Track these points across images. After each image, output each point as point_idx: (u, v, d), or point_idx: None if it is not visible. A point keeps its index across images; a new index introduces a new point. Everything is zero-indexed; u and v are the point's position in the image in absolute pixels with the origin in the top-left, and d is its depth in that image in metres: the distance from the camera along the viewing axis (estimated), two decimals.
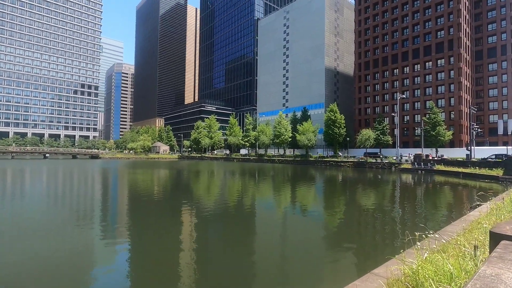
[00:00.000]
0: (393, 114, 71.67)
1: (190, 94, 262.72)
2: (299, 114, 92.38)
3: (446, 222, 12.09)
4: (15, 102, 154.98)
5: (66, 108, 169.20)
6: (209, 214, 16.06)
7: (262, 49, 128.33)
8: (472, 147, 48.34)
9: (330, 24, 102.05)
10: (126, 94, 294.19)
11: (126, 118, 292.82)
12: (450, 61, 71.99)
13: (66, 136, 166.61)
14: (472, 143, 49.78)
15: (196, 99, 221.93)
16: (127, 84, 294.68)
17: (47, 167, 55.00)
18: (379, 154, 68.73)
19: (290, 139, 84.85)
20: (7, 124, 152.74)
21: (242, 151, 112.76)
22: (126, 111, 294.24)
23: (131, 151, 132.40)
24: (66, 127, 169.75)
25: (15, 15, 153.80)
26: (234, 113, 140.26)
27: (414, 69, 78.82)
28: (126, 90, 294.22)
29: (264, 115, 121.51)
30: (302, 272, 8.26)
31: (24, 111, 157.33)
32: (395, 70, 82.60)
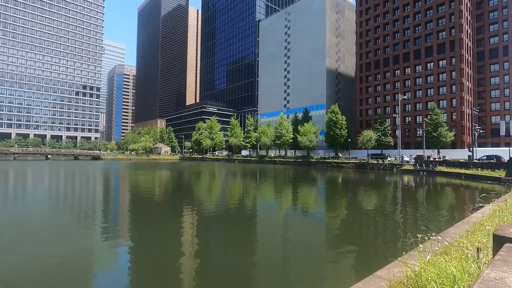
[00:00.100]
0: (394, 115, 71.50)
1: (192, 96, 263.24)
2: (300, 115, 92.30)
3: (448, 224, 12.04)
4: (17, 103, 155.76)
5: (68, 109, 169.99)
6: (210, 215, 16.05)
7: (263, 50, 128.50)
8: (474, 148, 48.13)
9: (331, 25, 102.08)
10: (127, 95, 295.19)
11: (127, 119, 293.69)
12: (452, 62, 71.80)
13: (68, 137, 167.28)
14: (474, 144, 49.54)
15: (197, 101, 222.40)
16: (129, 85, 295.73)
17: (49, 168, 55.14)
18: (386, 155, 68.19)
19: (291, 140, 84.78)
20: (10, 125, 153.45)
21: (243, 152, 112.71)
22: (127, 113, 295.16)
23: (133, 152, 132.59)
24: (68, 128, 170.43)
25: (17, 17, 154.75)
26: (235, 114, 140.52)
27: (415, 70, 78.64)
28: (128, 92, 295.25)
29: (265, 116, 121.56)
30: (303, 274, 8.24)
31: (26, 113, 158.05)
32: (397, 71, 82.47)
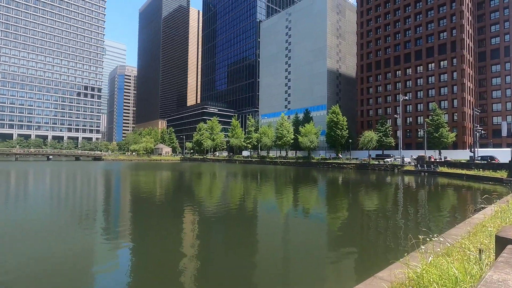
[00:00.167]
0: (395, 116, 71.37)
1: (193, 96, 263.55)
2: (301, 116, 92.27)
3: (450, 225, 12.00)
4: (19, 104, 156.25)
5: (69, 110, 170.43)
6: (211, 216, 16.04)
7: (264, 51, 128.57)
8: (475, 149, 48.01)
9: (332, 26, 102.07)
10: (128, 96, 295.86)
11: (128, 120, 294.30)
12: (453, 62, 71.66)
13: (69, 138, 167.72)
14: (475, 145, 49.41)
15: (198, 101, 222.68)
16: (130, 86, 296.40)
17: (51, 169, 55.25)
18: (391, 155, 66.80)
19: (292, 141, 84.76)
20: (11, 126, 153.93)
21: (244, 153, 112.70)
22: (128, 113, 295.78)
23: (134, 153, 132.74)
24: (69, 129, 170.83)
25: (19, 18, 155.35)
26: (236, 115, 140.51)
27: (416, 70, 78.52)
28: (129, 92, 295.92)
29: (266, 117, 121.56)
30: (304, 275, 8.22)
31: (28, 113, 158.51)
32: (398, 72, 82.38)
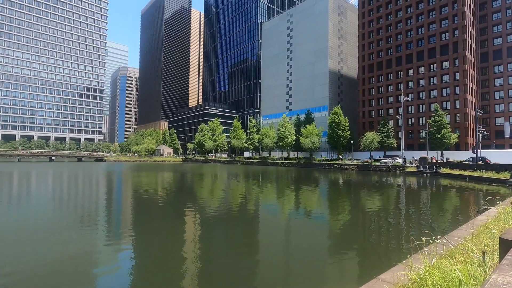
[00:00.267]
0: (397, 117, 71.23)
1: (194, 97, 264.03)
2: (303, 117, 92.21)
3: (453, 226, 11.94)
4: (22, 105, 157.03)
5: (71, 111, 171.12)
6: (213, 217, 16.04)
7: (265, 52, 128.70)
8: (478, 150, 47.78)
9: (333, 27, 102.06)
10: (130, 97, 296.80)
11: (130, 121, 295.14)
12: (455, 63, 71.42)
13: (71, 139, 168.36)
14: (478, 146, 49.18)
15: (200, 102, 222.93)
16: (132, 87, 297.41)
17: (53, 170, 55.48)
18: (399, 156, 63.23)
19: (294, 142, 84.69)
20: (14, 127, 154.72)
21: (246, 154, 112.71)
22: (130, 114, 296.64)
23: (136, 154, 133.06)
24: (72, 130, 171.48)
25: (22, 20, 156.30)
26: (238, 116, 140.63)
27: (418, 71, 78.30)
28: (131, 93, 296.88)
29: (267, 118, 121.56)
30: (307, 276, 8.18)
31: (30, 114, 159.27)
32: (399, 73, 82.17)
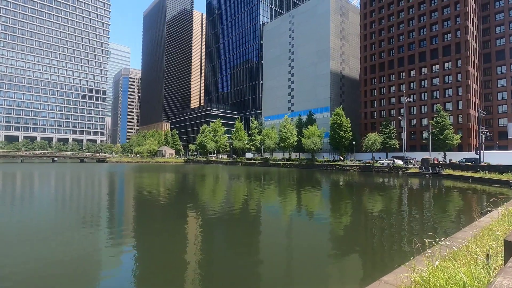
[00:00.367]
0: (399, 118, 71.02)
1: (196, 98, 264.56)
2: (305, 118, 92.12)
3: (456, 228, 11.88)
4: (25, 106, 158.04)
5: (74, 112, 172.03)
6: (214, 218, 16.03)
7: (267, 53, 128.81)
8: (481, 151, 47.52)
9: (335, 28, 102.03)
10: (133, 98, 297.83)
11: (132, 122, 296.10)
12: (458, 64, 71.15)
13: (74, 140, 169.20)
14: (481, 147, 48.91)
15: (202, 103, 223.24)
16: (134, 88, 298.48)
17: (56, 171, 55.71)
18: (409, 157, 60.92)
19: (296, 143, 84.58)
20: (17, 128, 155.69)
21: (248, 155, 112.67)
22: (133, 115, 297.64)
23: (138, 155, 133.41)
24: (74, 131, 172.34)
25: (25, 22, 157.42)
26: (240, 117, 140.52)
27: (420, 72, 78.07)
28: (133, 95, 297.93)
29: (269, 119, 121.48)
30: (308, 278, 8.16)
31: (33, 116, 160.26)
32: (402, 74, 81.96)
